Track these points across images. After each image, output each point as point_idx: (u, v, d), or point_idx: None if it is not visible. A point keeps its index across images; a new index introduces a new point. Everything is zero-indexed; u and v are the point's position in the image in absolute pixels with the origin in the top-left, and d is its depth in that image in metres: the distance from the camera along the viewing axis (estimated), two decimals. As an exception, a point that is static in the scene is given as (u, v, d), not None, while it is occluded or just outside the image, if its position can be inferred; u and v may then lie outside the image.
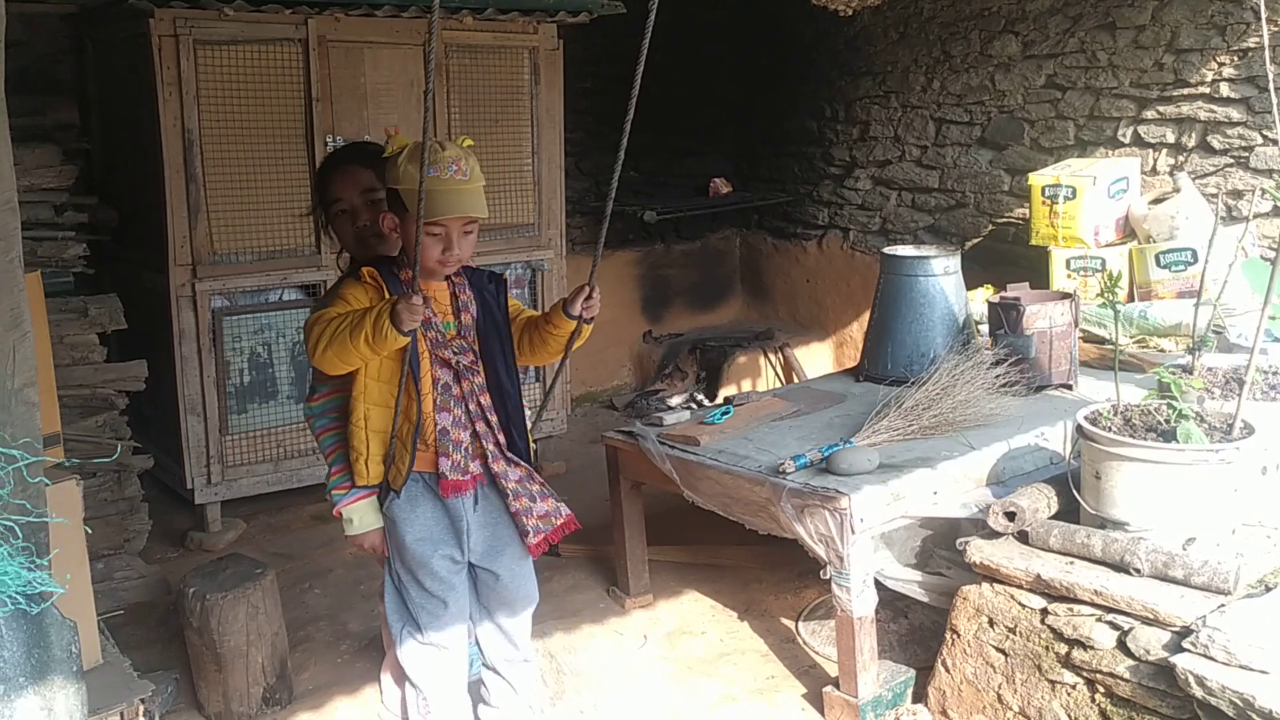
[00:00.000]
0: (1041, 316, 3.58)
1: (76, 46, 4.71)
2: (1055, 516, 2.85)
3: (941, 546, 3.14)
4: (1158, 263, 4.19)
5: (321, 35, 4.35)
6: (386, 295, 2.44)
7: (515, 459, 2.61)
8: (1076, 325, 3.66)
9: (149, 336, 4.26)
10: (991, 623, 2.78)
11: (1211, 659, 2.32)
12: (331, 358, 2.41)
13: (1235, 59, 4.33)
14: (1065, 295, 3.75)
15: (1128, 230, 4.47)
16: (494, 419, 2.58)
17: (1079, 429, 2.78)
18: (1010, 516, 2.80)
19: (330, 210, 2.72)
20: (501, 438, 2.59)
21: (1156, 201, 4.44)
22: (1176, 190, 4.37)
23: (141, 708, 2.42)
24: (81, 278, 4.12)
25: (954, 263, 3.88)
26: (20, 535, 1.72)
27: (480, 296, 2.62)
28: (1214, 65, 4.40)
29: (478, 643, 2.77)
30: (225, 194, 4.24)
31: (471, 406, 2.55)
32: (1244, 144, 4.33)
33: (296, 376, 4.50)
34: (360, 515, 2.59)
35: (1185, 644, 2.37)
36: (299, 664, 3.32)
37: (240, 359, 4.38)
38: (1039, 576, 2.67)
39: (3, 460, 1.70)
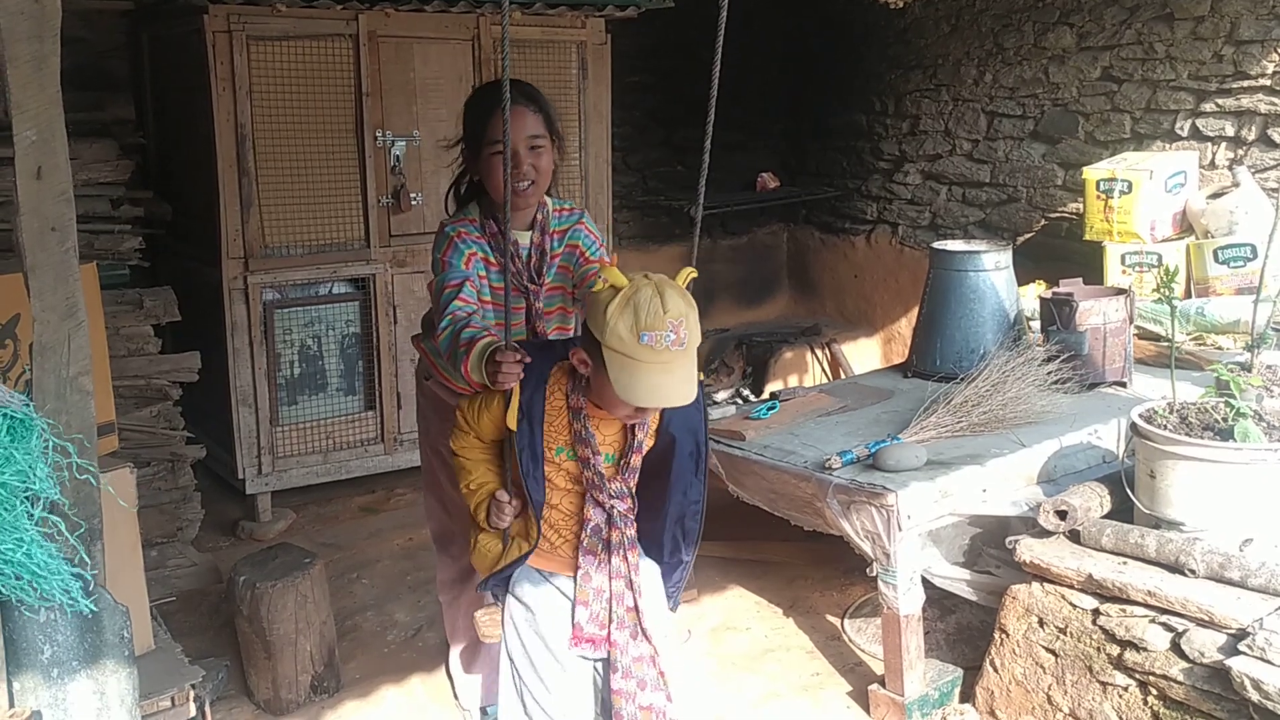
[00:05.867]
0: (1095, 312, 3.52)
1: (133, 43, 4.80)
2: (1108, 516, 2.80)
3: (990, 545, 3.10)
4: (1216, 258, 4.11)
5: (372, 30, 4.38)
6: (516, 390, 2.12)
7: (647, 632, 2.20)
8: (1131, 321, 3.60)
9: (202, 329, 4.33)
10: (1041, 623, 2.74)
11: (1268, 662, 2.27)
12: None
13: (1298, 50, 4.23)
14: (1120, 291, 3.68)
15: (1185, 225, 4.38)
16: (638, 581, 2.20)
17: (1134, 427, 2.73)
18: (1062, 515, 2.76)
19: (485, 149, 2.55)
20: (640, 600, 2.20)
21: (1215, 196, 4.35)
22: (1236, 184, 4.28)
23: (192, 693, 2.46)
24: (137, 270, 4.19)
25: (1005, 258, 3.83)
26: (68, 529, 1.75)
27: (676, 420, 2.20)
28: (1275, 57, 4.29)
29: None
30: (277, 188, 4.30)
31: (617, 560, 2.19)
32: (1307, 137, 4.24)
33: (346, 369, 4.55)
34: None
35: (1241, 647, 2.33)
36: (347, 653, 3.35)
37: (291, 351, 4.44)
38: (1091, 576, 2.63)
39: (58, 451, 1.73)
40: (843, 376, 5.69)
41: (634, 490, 2.20)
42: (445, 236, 2.57)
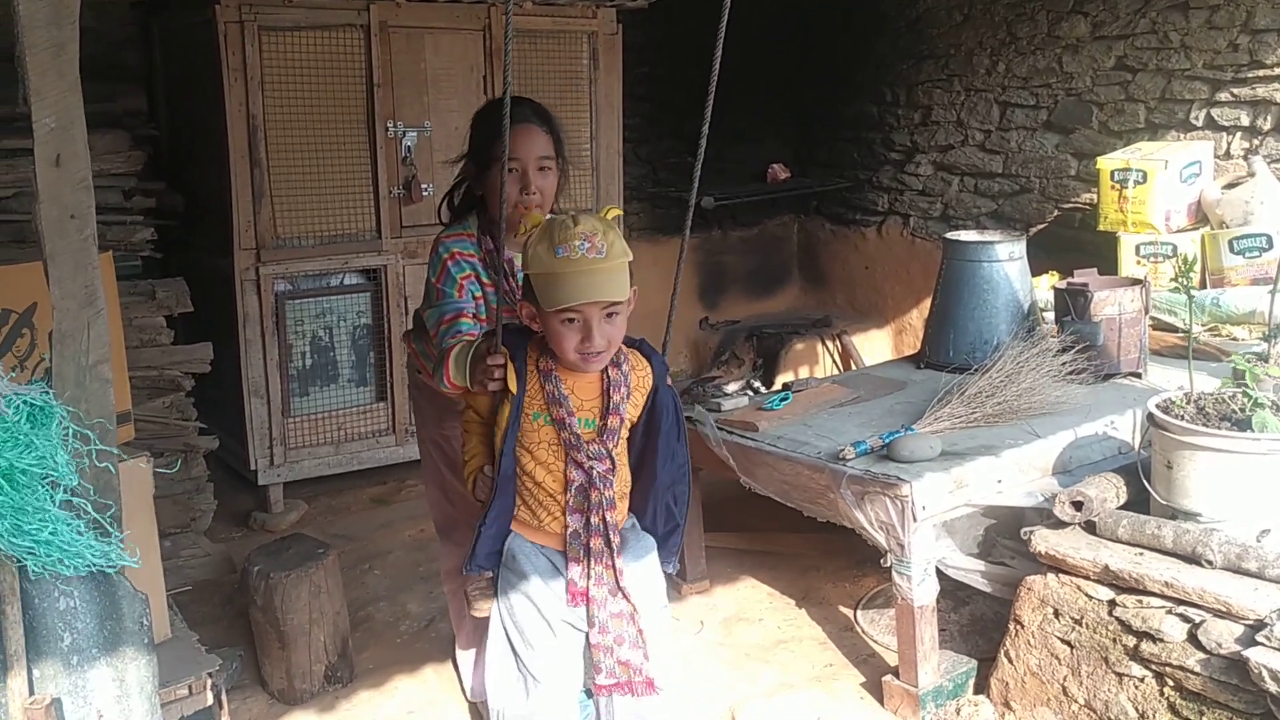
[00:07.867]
0: (1110, 303, 3.50)
1: (144, 34, 4.80)
2: (1124, 507, 2.79)
3: (1005, 536, 3.10)
4: (1231, 249, 4.09)
5: (383, 21, 4.38)
6: (511, 369, 2.20)
7: (625, 592, 2.26)
8: (1147, 312, 3.58)
9: (214, 320, 4.33)
10: (1057, 614, 2.73)
11: (1287, 654, 2.26)
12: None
13: (1315, 39, 4.20)
14: (1136, 281, 3.67)
15: (1200, 215, 4.36)
16: (616, 540, 2.25)
17: (1150, 417, 2.72)
18: (1077, 506, 2.75)
19: (494, 166, 2.42)
20: (618, 561, 2.25)
21: (1230, 186, 4.33)
22: (1251, 174, 4.26)
23: (209, 681, 2.46)
24: (149, 262, 4.20)
25: (1019, 248, 3.81)
26: (91, 511, 1.75)
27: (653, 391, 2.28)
28: (1292, 45, 4.27)
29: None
30: (289, 179, 4.30)
31: (595, 519, 2.23)
32: (1323, 127, 4.21)
33: (357, 360, 4.55)
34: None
35: (1259, 637, 2.32)
36: (360, 643, 3.36)
37: (302, 342, 4.44)
38: (1107, 567, 2.62)
39: (77, 438, 1.73)
40: (853, 368, 5.68)
41: (613, 453, 2.25)
42: (439, 258, 2.55)
